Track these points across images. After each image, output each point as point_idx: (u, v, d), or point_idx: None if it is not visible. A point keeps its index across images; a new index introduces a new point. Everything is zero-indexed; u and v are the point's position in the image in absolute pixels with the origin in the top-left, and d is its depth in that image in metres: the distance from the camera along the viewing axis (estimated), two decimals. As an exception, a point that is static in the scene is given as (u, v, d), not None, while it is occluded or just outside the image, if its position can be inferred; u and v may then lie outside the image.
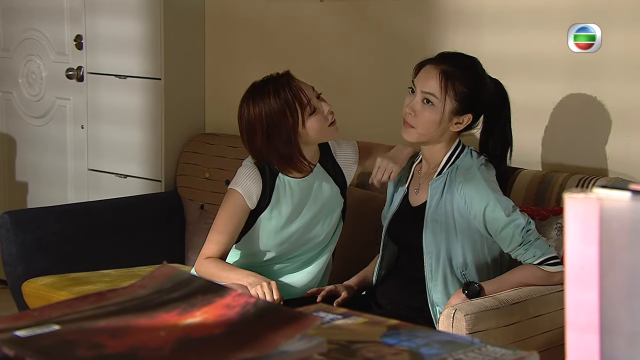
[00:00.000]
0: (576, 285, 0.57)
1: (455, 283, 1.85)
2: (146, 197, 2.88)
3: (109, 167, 3.06)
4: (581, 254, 0.57)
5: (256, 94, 1.94)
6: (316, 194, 2.04)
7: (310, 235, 2.05)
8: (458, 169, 1.87)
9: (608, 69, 2.12)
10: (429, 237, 1.86)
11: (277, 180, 2.02)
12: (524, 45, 2.27)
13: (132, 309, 0.66)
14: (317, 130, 1.96)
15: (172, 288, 0.67)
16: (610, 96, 2.16)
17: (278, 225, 2.02)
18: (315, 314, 0.71)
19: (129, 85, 2.98)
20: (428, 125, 1.85)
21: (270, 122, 1.92)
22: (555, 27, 2.19)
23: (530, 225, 1.79)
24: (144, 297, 0.68)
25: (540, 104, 2.27)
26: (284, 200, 2.02)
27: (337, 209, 2.07)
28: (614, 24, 2.10)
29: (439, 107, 1.85)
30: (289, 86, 1.93)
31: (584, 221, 0.57)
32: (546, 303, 1.79)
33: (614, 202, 0.57)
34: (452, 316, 1.68)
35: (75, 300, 0.67)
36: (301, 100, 1.92)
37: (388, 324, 0.71)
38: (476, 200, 1.81)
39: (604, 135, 2.19)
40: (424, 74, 1.87)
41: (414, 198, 1.95)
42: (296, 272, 2.07)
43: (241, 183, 2.00)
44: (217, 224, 2.00)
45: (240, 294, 0.67)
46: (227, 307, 0.64)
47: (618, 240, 0.56)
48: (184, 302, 0.66)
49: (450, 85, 1.84)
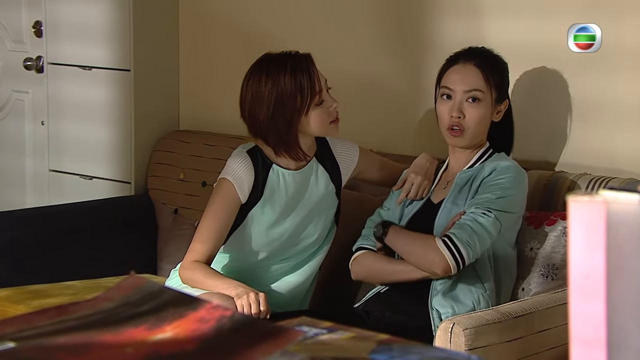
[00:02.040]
0: (581, 296, 0.58)
1: (460, 280, 1.92)
2: (114, 201, 2.88)
3: (73, 167, 3.05)
4: (586, 261, 0.57)
5: (271, 67, 1.99)
6: (312, 189, 2.08)
7: (302, 234, 2.08)
8: (491, 165, 1.98)
9: (616, 64, 2.16)
10: (441, 222, 1.95)
11: (271, 172, 2.05)
12: (528, 35, 2.29)
13: (95, 324, 0.66)
14: (318, 123, 2.01)
15: (141, 300, 0.68)
16: (623, 91, 2.19)
17: (270, 221, 2.04)
18: (298, 327, 0.71)
19: (95, 77, 2.97)
20: (481, 123, 1.98)
21: (279, 101, 1.97)
22: (559, 21, 2.23)
23: (484, 225, 1.87)
24: (109, 310, 0.68)
25: (545, 96, 2.29)
26: (278, 194, 2.05)
27: (331, 208, 2.10)
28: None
29: (487, 100, 1.98)
30: (307, 70, 1.99)
31: (589, 226, 0.57)
32: (553, 316, 1.81)
33: (621, 205, 0.57)
34: (450, 330, 1.69)
35: (33, 315, 0.67)
36: (314, 88, 1.98)
37: (377, 339, 0.71)
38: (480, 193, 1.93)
39: (616, 132, 2.21)
40: (458, 74, 1.98)
41: (438, 194, 2.04)
42: (287, 275, 2.09)
43: (232, 171, 2.03)
44: (206, 218, 2.03)
45: (215, 307, 0.67)
46: (200, 321, 0.65)
47: (626, 246, 0.57)
48: (153, 315, 0.66)
49: (490, 75, 1.98)
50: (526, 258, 2.04)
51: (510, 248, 2.01)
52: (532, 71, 2.27)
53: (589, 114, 2.24)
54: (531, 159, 2.28)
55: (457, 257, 1.86)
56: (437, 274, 1.89)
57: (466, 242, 1.85)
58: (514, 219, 1.98)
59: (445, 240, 1.87)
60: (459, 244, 1.86)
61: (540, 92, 2.29)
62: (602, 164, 2.21)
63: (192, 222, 2.76)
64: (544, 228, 2.03)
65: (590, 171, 2.18)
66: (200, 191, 2.78)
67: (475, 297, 1.92)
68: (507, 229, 1.96)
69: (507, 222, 1.94)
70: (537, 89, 2.29)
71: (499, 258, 1.97)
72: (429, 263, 1.88)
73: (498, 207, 1.90)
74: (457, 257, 1.86)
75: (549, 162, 2.29)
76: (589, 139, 2.25)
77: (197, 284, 1.98)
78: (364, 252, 2.04)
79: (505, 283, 2.00)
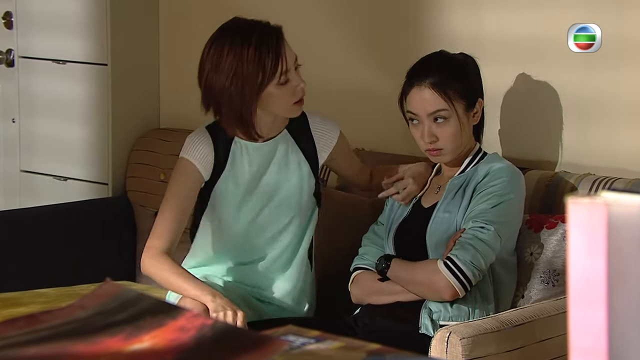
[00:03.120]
0: (580, 303, 0.58)
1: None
2: (90, 203, 2.87)
3: (46, 168, 3.04)
4: (586, 267, 0.58)
5: (236, 37, 1.97)
6: (280, 164, 2.06)
7: (276, 213, 2.05)
8: (485, 167, 1.99)
9: (618, 62, 2.18)
10: (433, 231, 1.97)
11: (233, 145, 2.05)
12: (528, 33, 2.31)
13: (69, 334, 0.66)
14: (280, 103, 1.99)
15: (117, 309, 0.68)
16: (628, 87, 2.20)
17: (237, 198, 2.04)
18: (284, 337, 0.71)
19: (69, 71, 2.96)
20: (454, 139, 1.99)
21: (239, 75, 1.95)
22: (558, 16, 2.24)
23: (486, 241, 1.88)
24: (84, 319, 0.68)
25: (546, 95, 2.30)
26: (240, 167, 2.04)
27: (306, 186, 2.08)
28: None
29: (453, 116, 1.98)
30: (274, 46, 1.96)
31: (590, 230, 0.58)
32: (555, 325, 1.81)
33: (623, 207, 0.58)
34: (446, 340, 1.70)
35: (2, 325, 0.67)
36: (278, 67, 1.96)
37: (368, 349, 0.72)
38: (476, 200, 1.94)
39: (621, 131, 2.23)
40: (417, 98, 1.99)
41: (429, 199, 2.06)
42: (276, 271, 2.08)
43: (191, 149, 2.03)
44: (166, 199, 2.02)
45: (196, 315, 0.67)
46: (180, 330, 0.65)
47: (628, 251, 0.58)
48: (130, 324, 0.66)
49: (448, 90, 1.97)
50: (526, 263, 2.05)
51: (510, 254, 2.02)
52: (532, 69, 2.28)
53: (592, 112, 2.25)
54: (531, 159, 2.29)
55: (462, 279, 1.88)
56: (445, 300, 1.91)
57: (470, 263, 1.87)
58: (514, 227, 2.00)
59: (448, 263, 1.89)
60: (462, 266, 1.87)
61: (540, 90, 2.30)
62: (606, 164, 2.22)
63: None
64: (544, 231, 2.04)
65: (594, 171, 2.19)
66: (182, 193, 2.77)
67: (472, 303, 1.93)
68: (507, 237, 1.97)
69: (508, 231, 1.96)
70: (537, 87, 2.30)
71: (498, 265, 1.98)
72: (435, 290, 1.90)
73: (496, 217, 1.91)
74: (463, 280, 1.88)
75: (550, 162, 2.30)
76: (592, 138, 2.26)
77: (165, 283, 1.95)
78: (361, 272, 2.05)
79: (505, 290, 2.01)
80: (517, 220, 2.00)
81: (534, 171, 2.21)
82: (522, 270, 2.05)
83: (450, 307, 1.92)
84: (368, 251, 2.08)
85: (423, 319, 1.92)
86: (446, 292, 1.88)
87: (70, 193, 2.96)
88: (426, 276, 1.90)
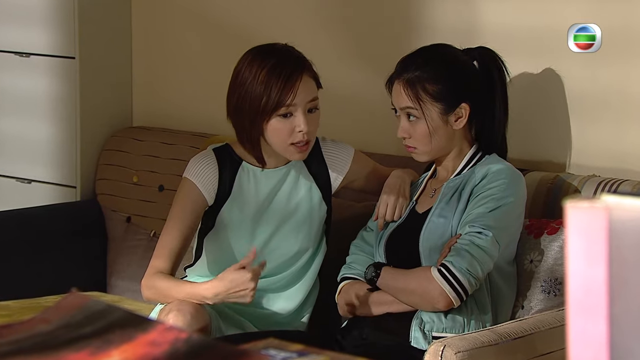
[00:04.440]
0: (580, 314, 0.59)
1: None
2: (57, 208, 2.86)
3: (8, 169, 3.03)
4: (586, 275, 0.58)
5: (257, 57, 2.02)
6: (289, 191, 2.10)
7: (282, 244, 2.09)
8: (482, 169, 1.99)
9: (621, 59, 2.21)
10: (427, 236, 1.97)
11: (240, 170, 2.09)
12: (527, 33, 2.32)
13: (31, 349, 0.66)
14: (277, 138, 2.01)
15: (83, 322, 0.68)
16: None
17: (242, 225, 2.07)
18: (264, 351, 0.72)
19: (34, 65, 2.95)
20: (425, 140, 2.00)
21: (248, 92, 1.99)
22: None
23: (483, 247, 1.89)
24: (47, 333, 0.68)
25: (546, 93, 2.31)
26: (247, 193, 2.08)
27: (316, 216, 2.12)
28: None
29: (422, 117, 2.00)
30: (287, 75, 1.98)
31: (589, 236, 0.58)
32: (557, 337, 1.82)
33: (625, 212, 0.58)
34: (440, 353, 1.70)
35: (-41, 339, 0.66)
36: (284, 97, 1.98)
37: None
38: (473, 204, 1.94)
39: (627, 129, 2.24)
40: (394, 92, 2.04)
41: (424, 203, 2.06)
42: (276, 298, 2.10)
43: (195, 171, 2.07)
44: (168, 220, 2.07)
45: (169, 328, 0.67)
46: (151, 344, 0.65)
47: (631, 258, 0.58)
48: (97, 338, 0.66)
49: (420, 91, 1.99)
50: (525, 272, 2.06)
51: (509, 261, 2.02)
52: (532, 67, 2.30)
53: (597, 110, 2.27)
54: (532, 159, 2.30)
55: (457, 288, 1.88)
56: (439, 310, 1.91)
57: (466, 271, 1.87)
58: (514, 232, 2.00)
59: (442, 270, 1.89)
60: (457, 274, 1.87)
61: (541, 88, 2.31)
62: (612, 165, 2.23)
63: (147, 231, 2.76)
64: (545, 237, 2.04)
65: (599, 172, 2.20)
66: (157, 196, 2.77)
67: (468, 314, 1.93)
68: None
69: (507, 237, 1.97)
70: (538, 85, 2.31)
71: (496, 273, 1.98)
72: (428, 299, 1.90)
73: (494, 222, 1.92)
74: (458, 288, 1.88)
75: (553, 163, 2.31)
76: (597, 137, 2.27)
77: (164, 298, 1.98)
78: (349, 282, 2.06)
79: (503, 300, 2.01)
80: (516, 226, 2.00)
81: (535, 172, 2.22)
82: (522, 279, 2.05)
83: (444, 317, 1.92)
84: (356, 260, 2.08)
85: (414, 330, 1.93)
86: (440, 301, 1.88)
87: (35, 197, 2.95)
88: (419, 284, 1.90)
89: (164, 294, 1.98)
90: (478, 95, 2.03)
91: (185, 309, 1.90)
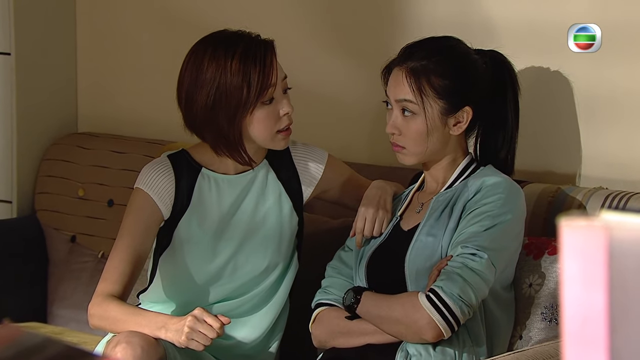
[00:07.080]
0: (577, 344, 0.60)
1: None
2: (-10, 226, 2.85)
3: None
4: (583, 302, 0.59)
5: (219, 47, 2.02)
6: (256, 201, 2.11)
7: (248, 260, 2.09)
8: (476, 182, 2.00)
9: (623, 61, 2.26)
10: (413, 258, 1.97)
11: (200, 177, 2.09)
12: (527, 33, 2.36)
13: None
14: (261, 128, 2.03)
15: (15, 357, 0.68)
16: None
17: (202, 239, 2.08)
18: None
19: (-36, 62, 2.94)
20: (418, 140, 1.99)
21: (222, 90, 2.00)
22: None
23: (477, 271, 1.90)
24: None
25: (547, 97, 2.34)
26: (209, 203, 2.08)
27: (286, 228, 2.12)
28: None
29: (421, 113, 1.97)
30: (262, 58, 2.01)
31: (587, 258, 0.59)
32: (559, 371, 1.84)
33: (627, 232, 0.59)
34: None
35: None
36: (266, 80, 2.00)
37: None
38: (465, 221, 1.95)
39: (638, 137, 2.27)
40: (392, 80, 2.01)
41: (410, 220, 2.07)
42: (244, 317, 2.11)
43: (148, 180, 2.07)
44: (119, 239, 2.06)
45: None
46: (95, 383, 0.65)
47: (633, 283, 0.59)
48: (33, 377, 0.66)
49: (425, 82, 1.97)
50: (524, 297, 2.07)
51: (506, 286, 2.03)
52: (531, 68, 2.32)
53: (605, 116, 2.29)
54: (532, 170, 2.32)
55: (447, 317, 1.87)
56: (428, 341, 1.91)
57: (457, 297, 1.87)
58: (512, 254, 2.01)
59: (431, 296, 1.88)
60: (448, 301, 1.87)
61: (540, 90, 2.34)
62: (621, 176, 2.25)
63: (94, 252, 2.75)
64: (545, 258, 2.06)
65: (607, 184, 2.22)
66: (106, 212, 2.77)
67: (459, 346, 1.94)
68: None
69: (504, 260, 1.97)
70: (537, 88, 2.33)
71: (491, 300, 1.99)
72: (415, 330, 1.90)
73: (490, 243, 1.92)
74: (449, 317, 1.87)
75: (554, 174, 2.33)
76: (605, 145, 2.29)
77: (114, 328, 1.98)
78: (325, 309, 2.06)
79: (499, 330, 2.02)
80: (515, 246, 2.01)
81: (535, 184, 2.23)
82: (520, 306, 2.06)
83: (432, 350, 1.93)
84: (333, 283, 2.08)
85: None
86: (428, 332, 1.88)
87: (-35, 213, 2.93)
88: (404, 313, 1.91)
89: (115, 321, 1.97)
90: (484, 102, 2.03)
91: (135, 341, 1.89)
